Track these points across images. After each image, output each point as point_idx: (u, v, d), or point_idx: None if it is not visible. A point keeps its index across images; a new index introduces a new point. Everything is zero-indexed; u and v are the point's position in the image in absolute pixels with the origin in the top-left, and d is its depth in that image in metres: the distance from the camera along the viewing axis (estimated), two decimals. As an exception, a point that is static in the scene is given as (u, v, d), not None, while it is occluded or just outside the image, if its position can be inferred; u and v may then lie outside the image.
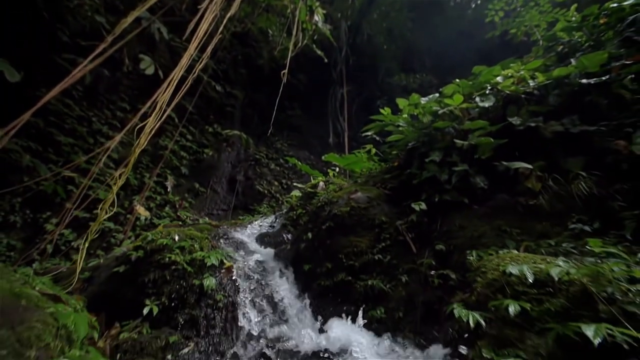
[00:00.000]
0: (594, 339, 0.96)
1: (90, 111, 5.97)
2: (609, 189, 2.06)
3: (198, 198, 7.20)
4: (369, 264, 2.40)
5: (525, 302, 1.26)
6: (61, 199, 5.07)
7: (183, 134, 7.38)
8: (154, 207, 6.46)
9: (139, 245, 2.46)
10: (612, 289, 1.18)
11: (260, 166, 8.00)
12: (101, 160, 3.25)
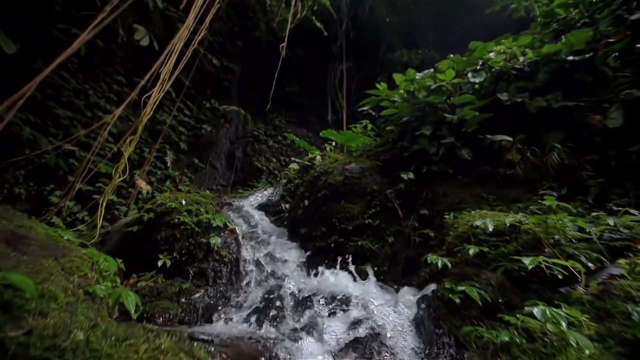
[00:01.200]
0: (528, 266, 1.23)
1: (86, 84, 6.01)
2: (580, 159, 2.29)
3: (197, 173, 7.42)
4: (360, 228, 2.68)
5: (485, 247, 1.53)
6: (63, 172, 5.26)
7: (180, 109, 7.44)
8: (155, 182, 6.70)
9: (149, 208, 2.71)
10: (558, 235, 1.45)
11: (258, 143, 8.14)
12: (105, 132, 3.42)
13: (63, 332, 0.77)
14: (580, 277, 1.17)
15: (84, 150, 5.21)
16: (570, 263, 1.17)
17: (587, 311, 1.01)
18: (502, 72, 2.96)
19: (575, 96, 2.62)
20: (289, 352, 1.13)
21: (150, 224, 2.65)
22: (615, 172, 2.17)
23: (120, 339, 0.78)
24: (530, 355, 0.89)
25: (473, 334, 1.09)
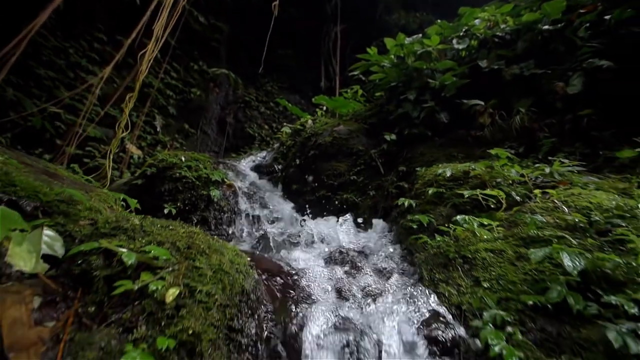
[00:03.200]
0: (466, 195, 1.63)
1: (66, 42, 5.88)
2: (541, 123, 2.66)
3: (189, 139, 7.57)
4: (346, 183, 3.07)
5: (442, 189, 1.93)
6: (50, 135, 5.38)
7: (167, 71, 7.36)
8: (146, 147, 6.86)
9: (151, 163, 3.00)
10: (500, 179, 1.85)
11: (250, 109, 8.22)
12: (95, 94, 3.56)
13: (123, 219, 1.12)
14: (505, 204, 1.59)
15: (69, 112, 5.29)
16: (496, 192, 1.58)
17: (501, 223, 1.43)
18: (486, 40, 3.19)
19: (548, 65, 2.92)
20: (290, 261, 1.54)
21: (153, 178, 2.96)
22: (569, 133, 2.57)
23: (164, 225, 1.15)
24: (452, 246, 1.32)
25: (418, 241, 1.51)
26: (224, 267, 1.04)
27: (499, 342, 0.84)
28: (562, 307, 0.93)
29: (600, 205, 1.31)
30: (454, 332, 0.94)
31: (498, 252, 1.19)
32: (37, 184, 1.29)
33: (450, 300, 1.07)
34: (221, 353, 0.89)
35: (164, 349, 0.80)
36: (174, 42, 6.82)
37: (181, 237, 1.11)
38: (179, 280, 0.95)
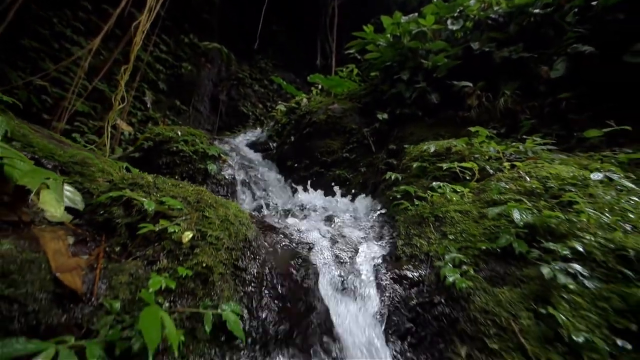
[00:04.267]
0: (444, 168, 1.84)
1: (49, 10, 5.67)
2: (523, 105, 2.85)
3: (180, 117, 7.54)
4: (338, 160, 3.24)
5: (426, 164, 2.13)
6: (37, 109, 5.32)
7: (157, 43, 7.18)
8: (136, 123, 6.83)
9: (147, 136, 3.10)
10: (478, 154, 2.05)
11: (243, 87, 8.15)
12: (84, 66, 3.56)
13: (138, 177, 1.28)
14: (478, 175, 1.80)
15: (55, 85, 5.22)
16: (471, 165, 1.78)
17: (472, 190, 1.64)
18: (480, 21, 3.29)
19: (538, 49, 3.06)
20: (287, 224, 1.73)
21: (150, 152, 3.07)
22: (548, 116, 2.77)
23: (174, 184, 1.32)
24: (427, 208, 1.53)
25: (400, 206, 1.72)
26: (230, 218, 1.22)
27: (454, 275, 1.06)
28: (509, 251, 1.16)
29: (558, 175, 1.53)
30: (420, 271, 1.17)
31: (465, 213, 1.41)
32: (51, 146, 1.42)
33: (421, 249, 1.29)
34: (229, 285, 1.09)
35: (183, 276, 0.99)
36: (164, 13, 6.63)
37: (191, 193, 1.28)
38: (192, 226, 1.13)
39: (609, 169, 1.62)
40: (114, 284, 0.91)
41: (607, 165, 1.71)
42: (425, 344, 0.96)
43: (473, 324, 0.95)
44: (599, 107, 2.74)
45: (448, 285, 1.05)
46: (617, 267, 1.07)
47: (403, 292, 1.11)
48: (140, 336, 0.83)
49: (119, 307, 0.87)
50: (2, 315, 0.74)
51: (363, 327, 1.01)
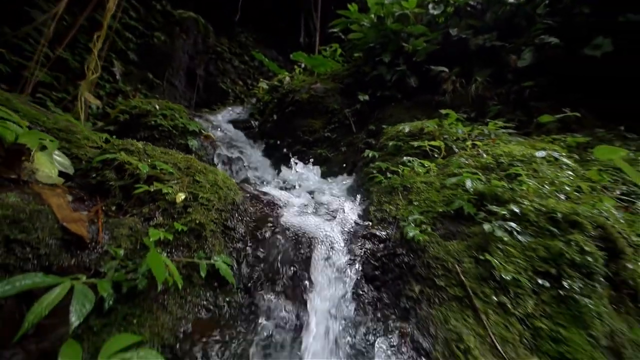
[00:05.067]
0: (415, 146, 2.06)
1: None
2: (493, 92, 3.12)
3: (154, 91, 7.22)
4: (320, 139, 3.39)
5: (401, 143, 2.34)
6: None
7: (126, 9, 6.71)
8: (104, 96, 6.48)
9: (123, 109, 3.05)
10: (447, 135, 2.28)
11: (222, 61, 7.90)
12: (49, 32, 3.35)
13: (128, 144, 1.37)
14: (444, 152, 2.03)
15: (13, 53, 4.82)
16: (439, 143, 2.01)
17: (437, 165, 1.87)
18: (459, 7, 3.46)
19: (509, 38, 3.30)
20: (271, 194, 1.88)
21: (126, 125, 3.03)
22: (513, 102, 3.06)
23: (163, 151, 1.41)
24: (399, 180, 1.74)
25: (374, 179, 1.93)
26: (219, 183, 1.36)
27: (414, 232, 1.28)
28: (461, 213, 1.40)
29: (509, 153, 1.79)
30: (388, 230, 1.39)
31: (429, 184, 1.64)
32: (34, 112, 1.44)
33: (390, 213, 1.51)
34: (219, 241, 1.24)
35: (179, 231, 1.13)
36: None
37: (180, 160, 1.39)
38: (184, 189, 1.25)
39: (553, 149, 1.91)
40: (116, 235, 1.03)
41: (552, 146, 2.00)
42: (388, 285, 1.18)
43: (426, 268, 1.18)
44: (559, 96, 3.07)
45: (409, 239, 1.27)
46: (546, 226, 1.34)
47: (372, 247, 1.32)
48: (144, 277, 0.97)
49: (122, 254, 1.00)
50: (17, 257, 0.85)
51: (337, 274, 1.21)
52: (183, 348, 0.90)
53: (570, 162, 1.91)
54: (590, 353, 1.00)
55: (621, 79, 2.87)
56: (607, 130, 2.94)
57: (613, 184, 2.07)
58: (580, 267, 1.20)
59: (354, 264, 1.22)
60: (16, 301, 0.83)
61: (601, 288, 1.21)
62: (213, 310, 1.05)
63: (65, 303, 0.80)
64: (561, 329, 1.04)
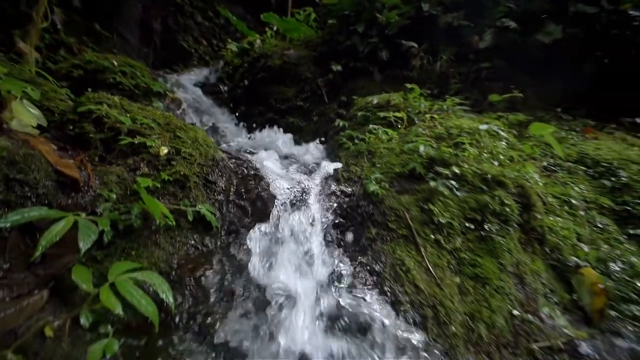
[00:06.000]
0: (381, 116, 2.32)
1: None
2: (455, 70, 3.45)
3: (102, 45, 6.53)
4: (292, 108, 3.51)
5: (369, 113, 2.58)
6: None
7: (59, -61, 5.82)
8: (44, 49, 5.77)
9: (77, 64, 2.86)
10: (410, 108, 2.56)
11: (183, 16, 7.30)
12: None
13: (104, 97, 1.42)
14: (406, 123, 2.32)
15: None
16: (402, 115, 2.29)
17: (399, 134, 2.16)
18: (432, -18, 3.63)
19: (475, 18, 3.60)
20: (247, 156, 2.02)
21: (80, 82, 2.87)
22: (471, 81, 3.43)
23: (140, 107, 1.49)
24: (365, 146, 2.00)
25: (343, 146, 2.17)
26: (199, 140, 1.49)
27: (375, 187, 1.56)
28: (414, 174, 1.71)
29: (459, 126, 2.12)
30: (353, 187, 1.66)
31: (390, 149, 1.92)
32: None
33: (356, 173, 1.78)
34: (202, 193, 1.41)
35: (166, 180, 1.28)
36: None
37: (159, 116, 1.48)
38: (166, 143, 1.37)
39: (496, 124, 2.29)
40: (106, 181, 1.16)
41: (496, 122, 2.39)
42: (350, 230, 1.47)
43: (382, 215, 1.48)
44: (511, 78, 3.50)
45: (370, 193, 1.55)
46: (478, 184, 1.70)
47: (340, 200, 1.58)
48: (138, 218, 1.13)
49: (115, 197, 1.13)
50: (17, 194, 0.95)
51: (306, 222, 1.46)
52: (177, 275, 1.10)
53: (509, 136, 2.32)
54: (498, 274, 1.40)
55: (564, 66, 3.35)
56: (546, 111, 3.46)
57: (542, 157, 2.56)
58: (500, 215, 1.58)
59: (326, 213, 1.48)
60: (20, 233, 0.95)
61: (514, 231, 1.62)
62: (200, 249, 1.25)
63: (67, 237, 0.95)
64: (479, 258, 1.42)
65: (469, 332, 1.11)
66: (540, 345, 1.17)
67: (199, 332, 0.91)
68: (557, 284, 1.55)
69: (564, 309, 1.46)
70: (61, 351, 0.76)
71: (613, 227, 2.06)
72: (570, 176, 2.30)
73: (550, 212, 1.85)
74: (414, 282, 1.19)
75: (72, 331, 0.82)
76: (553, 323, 1.31)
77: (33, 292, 0.88)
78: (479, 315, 1.17)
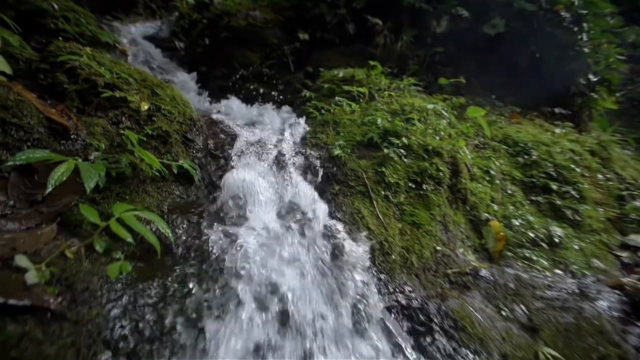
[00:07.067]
0: (346, 89, 2.62)
1: None
2: (414, 52, 3.85)
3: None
4: (257, 74, 3.60)
5: (334, 86, 2.85)
6: None
7: None
8: None
9: (9, 3, 2.54)
10: (372, 84, 2.89)
11: (123, -49, 6.43)
12: None
13: (75, 47, 1.45)
14: (367, 98, 2.66)
15: None
16: (364, 90, 2.61)
17: (360, 107, 2.49)
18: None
19: (437, 2, 3.96)
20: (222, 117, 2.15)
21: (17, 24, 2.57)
22: (426, 64, 3.88)
23: (114, 61, 1.55)
24: (330, 116, 2.29)
25: (311, 115, 2.43)
26: (177, 98, 1.61)
27: (339, 151, 1.89)
28: (373, 143, 2.06)
29: (412, 104, 2.52)
30: (320, 152, 1.96)
31: (353, 120, 2.24)
32: None
33: (322, 140, 2.07)
34: (182, 149, 1.58)
35: (149, 134, 1.42)
36: None
37: (133, 72, 1.56)
38: (145, 100, 1.49)
39: (441, 105, 2.75)
40: (93, 131, 1.27)
41: (442, 103, 2.85)
42: (318, 185, 1.79)
43: (344, 175, 1.82)
44: (461, 64, 4.02)
45: (334, 156, 1.87)
46: (421, 154, 2.13)
47: (308, 162, 1.87)
48: (129, 166, 1.28)
49: (104, 146, 1.26)
50: (14, 138, 1.05)
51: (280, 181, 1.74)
52: (169, 217, 1.30)
53: (450, 116, 2.81)
54: (429, 222, 1.86)
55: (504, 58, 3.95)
56: (484, 97, 4.10)
57: (475, 135, 3.13)
58: (435, 179, 2.04)
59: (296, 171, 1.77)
60: (19, 174, 1.06)
61: (444, 191, 2.10)
62: (185, 199, 1.45)
63: (66, 179, 1.09)
64: (416, 210, 1.86)
65: (404, 260, 1.54)
66: (453, 270, 1.66)
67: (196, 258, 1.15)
68: (472, 232, 2.11)
69: (474, 250, 2.02)
70: (84, 268, 0.95)
71: (520, 194, 2.73)
72: (493, 153, 2.91)
73: (474, 179, 2.40)
74: (367, 225, 1.57)
75: (88, 255, 1.00)
76: (465, 258, 1.84)
77: (42, 225, 1.02)
78: (412, 249, 1.62)
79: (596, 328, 1.48)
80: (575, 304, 1.58)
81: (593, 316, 1.54)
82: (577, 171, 2.89)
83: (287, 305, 1.06)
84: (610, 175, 3.36)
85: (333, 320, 1.10)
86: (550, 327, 1.42)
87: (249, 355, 0.93)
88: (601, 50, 4.15)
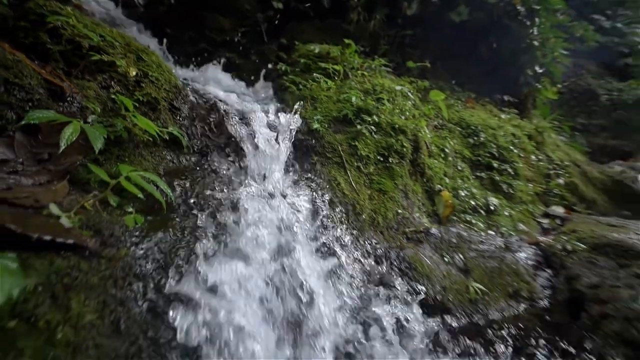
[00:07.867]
0: (322, 66, 2.81)
1: None
2: (385, 32, 4.09)
3: None
4: (229, 43, 3.58)
5: (310, 61, 3.01)
6: None
7: None
8: None
9: None
10: (346, 62, 3.09)
11: None
12: None
13: (56, 7, 1.45)
14: (342, 76, 2.88)
15: None
16: (339, 68, 2.83)
17: (336, 84, 2.71)
18: None
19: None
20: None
21: None
22: (397, 45, 4.16)
23: (95, 23, 1.57)
24: (308, 92, 2.49)
25: (288, 89, 2.60)
26: (162, 65, 1.69)
27: (317, 125, 2.12)
28: (347, 119, 2.32)
29: (382, 84, 2.81)
30: (301, 124, 2.17)
31: (329, 97, 2.47)
32: None
33: (302, 115, 2.28)
34: (170, 117, 1.69)
35: (140, 100, 1.51)
36: None
37: (117, 35, 1.60)
38: (132, 65, 1.56)
39: (408, 87, 3.07)
40: (87, 94, 1.35)
41: (409, 86, 3.18)
42: (299, 156, 2.02)
43: (322, 148, 2.07)
44: (429, 47, 4.37)
45: (313, 130, 2.11)
46: (389, 131, 2.45)
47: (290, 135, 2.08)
48: (126, 130, 1.39)
49: (100, 110, 1.35)
50: (17, 97, 1.12)
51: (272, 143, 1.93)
52: (167, 179, 1.46)
53: (415, 98, 3.16)
54: (393, 190, 2.21)
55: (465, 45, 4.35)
56: (446, 82, 4.54)
57: (435, 117, 3.55)
58: (399, 153, 2.39)
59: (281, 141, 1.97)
60: (24, 134, 1.14)
61: (406, 165, 2.47)
62: (177, 164, 1.60)
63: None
64: (382, 179, 2.20)
65: (372, 220, 1.88)
66: (410, 229, 2.05)
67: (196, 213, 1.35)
68: (427, 200, 2.53)
69: (428, 214, 2.44)
70: (103, 218, 1.09)
71: (467, 170, 3.22)
72: (449, 133, 3.36)
73: (431, 155, 2.81)
74: (342, 191, 1.86)
75: (103, 208, 1.15)
76: (420, 220, 2.25)
77: (53, 182, 1.13)
78: (379, 211, 1.96)
79: (514, 270, 1.99)
80: (500, 254, 2.07)
81: (512, 262, 2.05)
82: (514, 152, 3.47)
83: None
84: (541, 157, 4.06)
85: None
86: (479, 269, 1.88)
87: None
88: (548, 44, 4.75)
